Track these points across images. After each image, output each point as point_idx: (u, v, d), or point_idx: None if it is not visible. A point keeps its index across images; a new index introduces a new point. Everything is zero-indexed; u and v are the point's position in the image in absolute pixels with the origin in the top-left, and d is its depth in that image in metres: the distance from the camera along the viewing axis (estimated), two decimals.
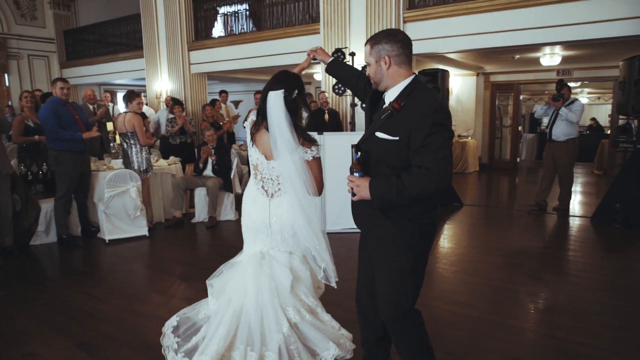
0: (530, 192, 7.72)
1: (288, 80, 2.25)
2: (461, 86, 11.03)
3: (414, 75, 1.97)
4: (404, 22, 6.96)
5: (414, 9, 6.93)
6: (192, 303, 3.48)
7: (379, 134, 1.89)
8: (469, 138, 10.72)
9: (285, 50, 8.42)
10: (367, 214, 1.98)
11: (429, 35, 6.86)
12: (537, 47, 7.54)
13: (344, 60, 6.20)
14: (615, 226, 5.63)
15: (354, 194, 1.92)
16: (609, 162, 10.23)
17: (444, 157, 1.77)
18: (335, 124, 7.16)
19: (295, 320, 2.20)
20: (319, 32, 7.75)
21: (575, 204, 7.28)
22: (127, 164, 5.64)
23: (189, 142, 7.29)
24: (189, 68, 9.86)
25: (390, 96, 1.97)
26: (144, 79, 11.04)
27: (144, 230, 5.51)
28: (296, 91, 2.23)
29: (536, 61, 8.96)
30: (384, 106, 1.98)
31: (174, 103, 7.35)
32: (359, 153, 1.94)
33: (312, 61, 2.70)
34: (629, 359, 2.76)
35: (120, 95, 14.68)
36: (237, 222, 6.14)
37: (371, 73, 1.99)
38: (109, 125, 6.39)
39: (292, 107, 2.20)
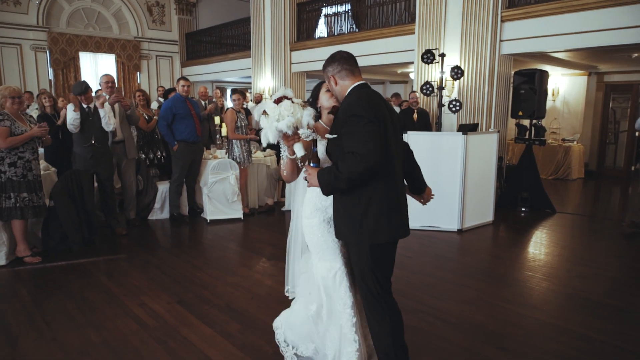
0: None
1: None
2: (569, 87, 10.29)
3: (358, 82, 2.22)
4: (502, 21, 6.79)
5: (513, 8, 6.72)
6: (274, 279, 3.99)
7: (328, 135, 2.21)
8: (575, 142, 9.97)
9: (380, 50, 8.66)
10: None
11: (529, 34, 6.62)
12: None
13: (433, 62, 6.26)
14: None
15: (308, 183, 2.21)
16: None
17: (367, 139, 1.98)
18: (424, 123, 7.23)
19: None
20: (413, 33, 7.84)
21: None
22: (229, 153, 6.35)
23: None
24: (289, 67, 10.55)
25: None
26: (250, 77, 12.03)
27: (239, 214, 6.17)
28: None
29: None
30: None
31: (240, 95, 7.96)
32: (317, 147, 2.23)
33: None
34: None
35: (229, 92, 16.12)
36: None
37: (332, 93, 2.32)
38: (216, 119, 7.20)
39: None
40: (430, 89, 6.35)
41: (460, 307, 3.52)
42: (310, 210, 2.38)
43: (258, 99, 8.56)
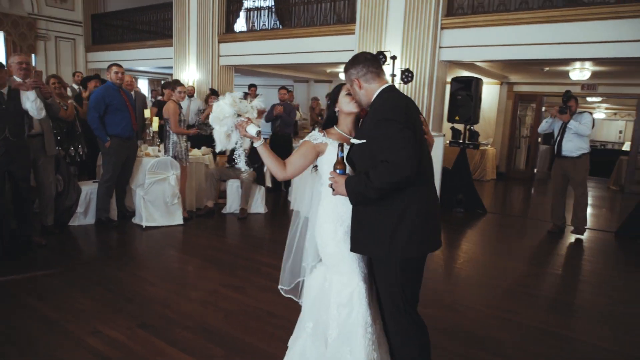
0: (544, 204, 7.81)
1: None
2: (485, 95, 11.07)
3: (386, 84, 2.10)
4: (442, 28, 7.02)
5: (452, 17, 6.99)
6: (240, 291, 3.62)
7: (353, 140, 2.05)
8: (489, 146, 10.80)
9: (317, 48, 8.50)
10: None
11: (466, 43, 6.92)
12: (570, 61, 7.62)
13: (384, 64, 6.26)
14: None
15: (333, 189, 2.03)
16: (626, 179, 10.30)
17: (402, 147, 1.84)
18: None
19: None
20: (354, 33, 7.82)
21: (600, 217, 7.36)
22: (165, 150, 5.75)
23: None
24: (217, 60, 9.95)
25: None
26: (170, 67, 11.13)
27: (179, 218, 5.60)
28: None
29: (564, 74, 9.03)
30: None
31: (211, 93, 7.43)
32: (343, 153, 2.06)
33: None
34: None
35: (141, 82, 14.82)
36: (267, 216, 6.28)
37: (355, 97, 2.15)
38: (146, 112, 6.49)
39: None
40: (410, 76, 6.32)
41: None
42: (328, 218, 2.16)
43: (191, 93, 7.91)
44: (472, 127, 7.37)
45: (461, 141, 7.29)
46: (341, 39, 8.17)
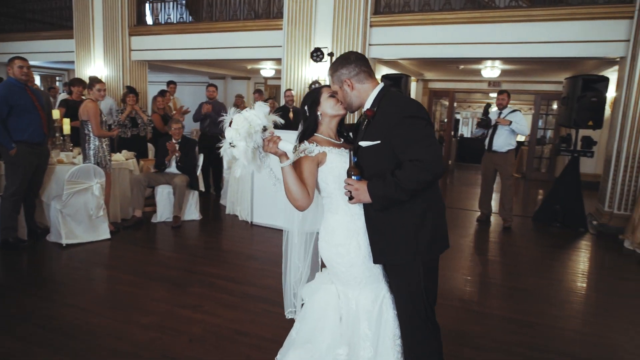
0: (462, 193, 8.32)
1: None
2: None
3: (382, 84, 2.03)
4: (371, 26, 7.10)
5: (380, 15, 7.09)
6: (199, 310, 3.28)
7: (363, 143, 1.93)
8: None
9: (242, 44, 8.16)
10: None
11: (394, 41, 7.08)
12: (484, 59, 8.17)
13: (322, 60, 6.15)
14: (556, 225, 6.30)
15: (350, 198, 1.90)
16: (527, 167, 11.39)
17: (431, 144, 1.80)
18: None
19: None
20: (281, 29, 7.60)
21: (516, 204, 8.00)
22: (84, 156, 5.09)
23: (142, 135, 6.72)
24: (129, 54, 9.10)
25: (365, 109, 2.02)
26: (70, 62, 9.97)
27: (106, 232, 4.98)
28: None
29: (477, 72, 9.68)
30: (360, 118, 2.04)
31: (128, 91, 6.73)
32: (357, 157, 1.95)
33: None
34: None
35: (37, 79, 13.09)
36: (202, 222, 5.87)
37: (340, 99, 2.03)
38: (55, 113, 5.68)
39: None
40: (320, 84, 6.21)
41: None
42: (343, 235, 1.99)
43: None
44: None
45: None
46: (268, 34, 7.92)
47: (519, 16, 6.32)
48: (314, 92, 2.11)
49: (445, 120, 12.64)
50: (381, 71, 8.39)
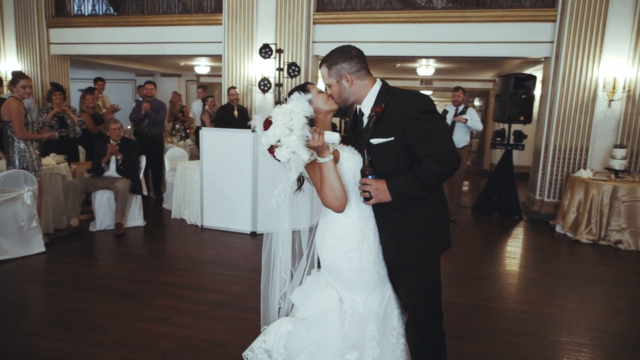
0: None
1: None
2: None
3: (381, 80, 2.02)
4: (314, 23, 7.07)
5: (323, 12, 7.09)
6: (166, 323, 3.06)
7: (374, 140, 1.87)
8: None
9: (177, 39, 7.75)
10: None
11: (337, 38, 7.09)
12: (420, 58, 8.49)
13: (271, 57, 6.00)
14: (494, 214, 6.73)
15: (367, 198, 1.83)
16: None
17: (447, 138, 1.81)
18: (245, 120, 6.90)
19: None
20: (220, 24, 7.33)
21: None
22: (7, 161, 4.55)
23: (72, 137, 6.13)
24: (47, 48, 8.27)
25: (366, 106, 1.96)
26: None
27: (40, 245, 4.48)
28: None
29: (412, 70, 10.04)
30: (365, 115, 1.97)
31: (54, 89, 6.11)
32: (370, 155, 1.89)
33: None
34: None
35: None
36: (147, 229, 5.50)
37: (334, 93, 1.95)
38: None
39: None
40: (268, 85, 6.07)
41: None
42: (356, 239, 1.92)
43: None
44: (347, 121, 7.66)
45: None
46: (206, 29, 7.61)
47: (455, 17, 6.63)
48: (301, 90, 1.98)
49: None
50: None
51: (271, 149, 1.75)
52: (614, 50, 6.00)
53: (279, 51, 6.11)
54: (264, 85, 6.02)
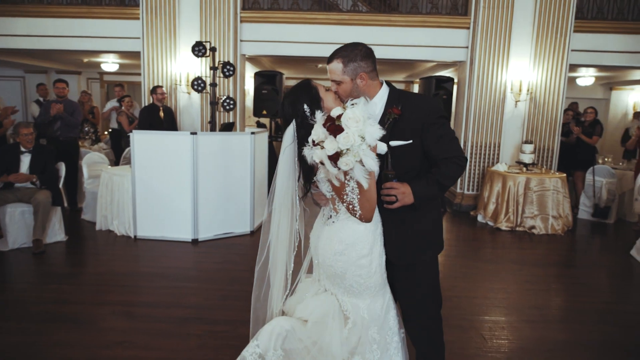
0: None
1: None
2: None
3: (386, 82, 2.06)
4: (241, 21, 6.89)
5: (250, 10, 6.94)
6: (127, 347, 2.79)
7: (393, 143, 1.85)
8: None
9: (87, 33, 7.05)
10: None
11: (265, 38, 7.01)
12: None
13: (205, 55, 5.71)
14: None
15: (390, 202, 1.83)
16: None
17: (458, 141, 1.93)
18: (171, 122, 6.51)
19: None
20: (138, 18, 6.80)
21: None
22: None
23: None
24: None
25: (372, 108, 1.93)
26: None
27: None
28: None
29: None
30: (382, 115, 1.92)
31: None
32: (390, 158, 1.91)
33: None
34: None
35: None
36: (71, 243, 4.96)
37: (343, 91, 1.91)
38: None
39: None
40: (202, 85, 5.76)
41: None
42: (368, 245, 1.88)
43: None
44: (278, 121, 7.58)
45: (272, 134, 7.43)
46: (120, 23, 7.03)
47: (382, 21, 6.92)
48: (308, 88, 1.89)
49: None
50: (247, 69, 8.22)
51: (335, 156, 1.64)
52: (519, 55, 6.72)
53: (213, 49, 5.85)
54: (198, 84, 5.73)
